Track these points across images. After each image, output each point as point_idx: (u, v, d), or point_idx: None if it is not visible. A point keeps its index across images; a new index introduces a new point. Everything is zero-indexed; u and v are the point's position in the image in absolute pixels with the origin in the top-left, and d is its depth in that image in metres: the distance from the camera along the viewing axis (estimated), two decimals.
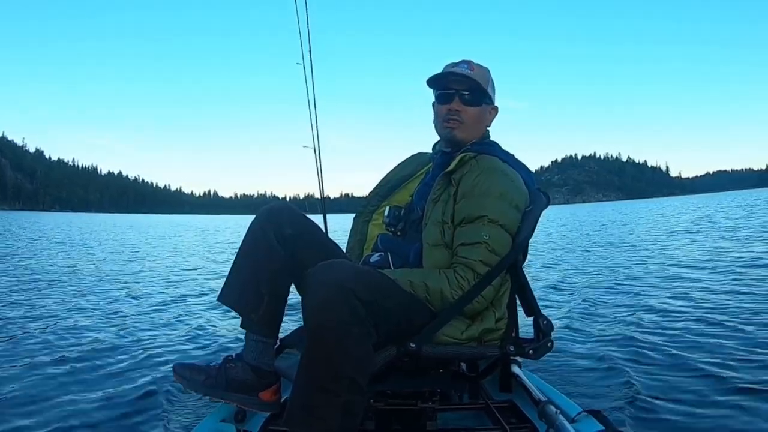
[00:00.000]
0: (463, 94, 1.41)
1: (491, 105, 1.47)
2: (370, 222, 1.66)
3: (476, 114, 1.42)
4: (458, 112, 1.41)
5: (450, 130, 1.42)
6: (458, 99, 1.41)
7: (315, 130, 2.46)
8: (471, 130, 1.43)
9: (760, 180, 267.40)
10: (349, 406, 1.08)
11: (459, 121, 1.41)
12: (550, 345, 1.36)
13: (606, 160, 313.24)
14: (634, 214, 27.53)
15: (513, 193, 1.33)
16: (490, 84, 1.45)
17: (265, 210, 1.45)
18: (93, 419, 1.98)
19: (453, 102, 1.41)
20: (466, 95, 1.41)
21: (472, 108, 1.41)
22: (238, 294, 1.41)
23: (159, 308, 4.47)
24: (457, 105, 1.41)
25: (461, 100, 1.41)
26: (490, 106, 1.47)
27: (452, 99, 1.41)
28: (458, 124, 1.41)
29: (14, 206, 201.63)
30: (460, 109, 1.41)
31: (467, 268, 1.25)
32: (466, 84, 1.40)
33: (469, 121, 1.41)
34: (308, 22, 2.44)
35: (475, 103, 1.42)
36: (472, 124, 1.42)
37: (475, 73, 1.41)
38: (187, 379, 1.38)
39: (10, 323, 3.72)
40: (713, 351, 2.58)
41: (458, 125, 1.41)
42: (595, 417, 1.35)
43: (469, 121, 1.42)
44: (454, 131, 1.42)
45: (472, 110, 1.41)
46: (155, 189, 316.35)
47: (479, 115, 1.43)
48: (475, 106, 1.42)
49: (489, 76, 1.45)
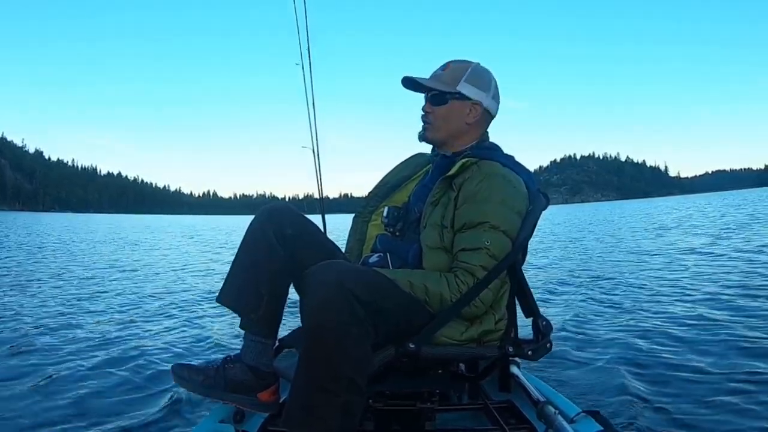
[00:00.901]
0: (431, 95, 1.44)
1: (467, 101, 1.42)
2: (369, 223, 1.66)
3: (444, 113, 1.43)
4: (427, 113, 1.45)
5: (422, 132, 1.47)
6: (428, 100, 1.45)
7: (314, 131, 2.45)
8: (442, 129, 1.44)
9: (759, 179, 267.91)
10: (349, 406, 1.08)
11: (428, 122, 1.45)
12: (549, 346, 1.36)
13: (605, 160, 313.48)
14: (633, 213, 27.60)
15: (515, 199, 1.33)
16: (465, 80, 1.41)
17: (265, 210, 1.45)
18: (92, 420, 1.98)
19: (425, 104, 1.45)
20: (433, 95, 1.43)
21: (439, 107, 1.43)
22: (237, 294, 1.41)
23: (158, 309, 4.47)
24: (427, 107, 1.45)
25: (429, 100, 1.44)
26: (467, 102, 1.42)
27: (426, 100, 1.46)
28: (428, 125, 1.45)
29: (14, 207, 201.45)
30: (429, 110, 1.44)
31: (467, 272, 1.25)
32: (431, 84, 1.42)
33: (437, 121, 1.43)
34: (307, 22, 2.44)
35: (442, 102, 1.42)
36: (441, 123, 1.43)
37: (446, 72, 1.42)
38: (185, 379, 1.37)
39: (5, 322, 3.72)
40: (712, 351, 2.59)
41: (428, 126, 1.45)
42: (594, 417, 1.35)
43: (437, 121, 1.43)
44: (426, 132, 1.46)
45: (439, 109, 1.43)
46: (154, 189, 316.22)
47: (447, 113, 1.43)
48: (442, 105, 1.42)
49: (465, 72, 1.42)
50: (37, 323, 3.75)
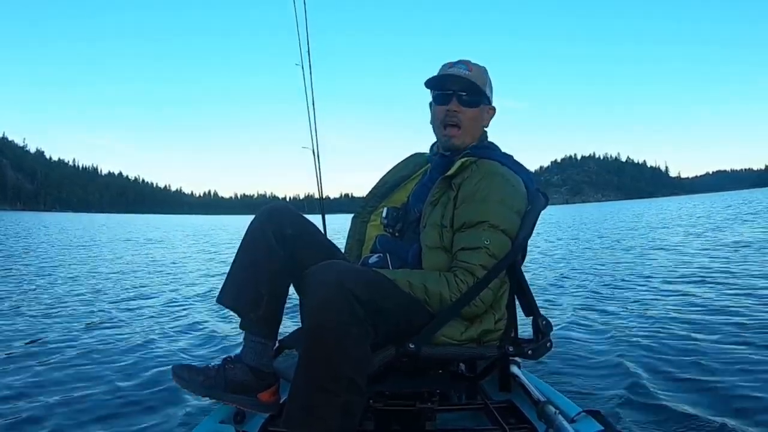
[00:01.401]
0: (461, 95, 1.41)
1: (489, 105, 1.47)
2: (368, 223, 1.66)
3: (474, 115, 1.42)
4: (456, 113, 1.41)
5: (448, 138, 1.43)
6: (456, 100, 1.41)
7: (314, 131, 2.46)
8: (469, 133, 1.43)
9: (759, 180, 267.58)
10: (349, 406, 1.08)
11: (457, 124, 1.42)
12: (549, 345, 1.36)
13: (605, 160, 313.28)
14: (633, 214, 27.59)
15: (514, 198, 1.33)
16: (488, 84, 1.45)
17: (265, 210, 1.45)
18: (91, 420, 1.98)
19: (451, 103, 1.41)
20: (464, 96, 1.41)
21: (470, 109, 1.41)
22: (237, 294, 1.40)
23: (158, 309, 4.46)
24: (455, 106, 1.41)
25: (459, 101, 1.41)
26: (488, 106, 1.47)
27: (450, 100, 1.41)
28: (456, 130, 1.42)
29: (15, 206, 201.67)
30: (459, 110, 1.41)
31: (467, 272, 1.25)
32: (464, 85, 1.40)
33: (467, 122, 1.42)
34: (307, 22, 2.44)
35: (473, 104, 1.42)
36: (470, 126, 1.42)
37: (473, 73, 1.41)
38: (185, 380, 1.37)
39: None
40: (712, 352, 2.58)
41: (457, 132, 1.42)
42: (594, 417, 1.35)
43: (467, 123, 1.42)
44: (452, 139, 1.43)
45: (470, 111, 1.42)
46: (155, 189, 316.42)
47: (477, 116, 1.43)
48: (474, 107, 1.42)
49: (486, 76, 1.45)
50: (37, 323, 3.75)
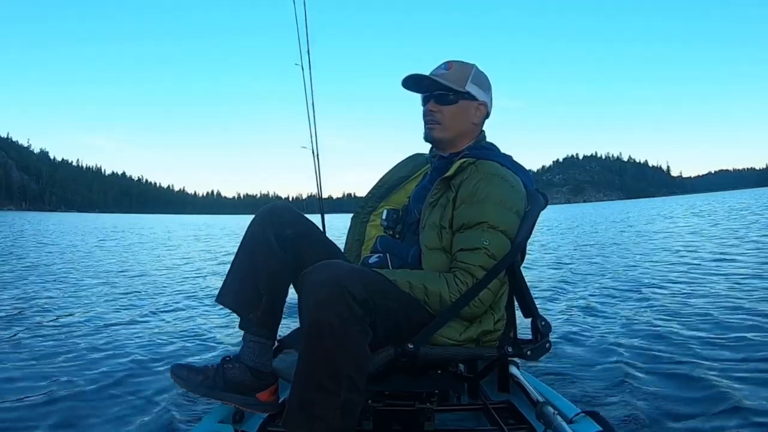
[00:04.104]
0: (437, 95, 1.43)
1: (474, 101, 1.45)
2: (367, 223, 1.66)
3: (453, 112, 1.43)
4: (433, 112, 1.44)
5: (428, 131, 1.46)
6: (433, 100, 1.44)
7: (313, 131, 2.46)
8: (451, 129, 1.44)
9: (761, 179, 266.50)
10: (348, 405, 1.08)
11: (436, 121, 1.44)
12: (548, 346, 1.36)
13: (607, 160, 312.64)
14: (634, 214, 27.54)
15: (513, 199, 1.33)
16: (471, 80, 1.43)
17: (265, 210, 1.45)
18: (91, 420, 1.99)
19: (429, 103, 1.44)
20: (440, 95, 1.43)
21: (448, 107, 1.43)
22: (236, 294, 1.41)
23: (157, 309, 4.46)
24: (432, 106, 1.44)
25: (435, 100, 1.43)
26: (474, 102, 1.45)
27: (428, 100, 1.45)
28: (435, 124, 1.44)
29: (21, 206, 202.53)
30: (436, 110, 1.43)
31: (466, 272, 1.25)
32: (437, 84, 1.42)
33: (446, 120, 1.43)
34: (307, 22, 2.44)
35: (450, 101, 1.43)
36: (450, 122, 1.44)
37: (451, 72, 1.42)
38: (184, 379, 1.38)
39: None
40: (712, 352, 2.58)
41: (435, 125, 1.44)
42: (593, 418, 1.35)
43: (447, 121, 1.43)
44: (432, 131, 1.45)
45: (448, 109, 1.43)
46: (159, 189, 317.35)
47: (456, 113, 1.44)
48: (451, 104, 1.43)
49: (471, 73, 1.44)
50: (36, 323, 3.76)
